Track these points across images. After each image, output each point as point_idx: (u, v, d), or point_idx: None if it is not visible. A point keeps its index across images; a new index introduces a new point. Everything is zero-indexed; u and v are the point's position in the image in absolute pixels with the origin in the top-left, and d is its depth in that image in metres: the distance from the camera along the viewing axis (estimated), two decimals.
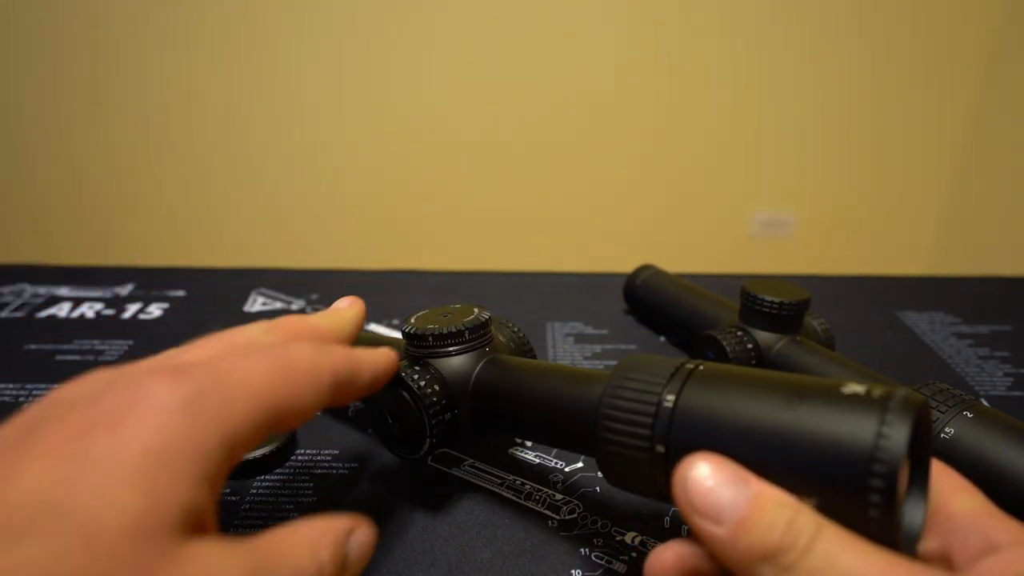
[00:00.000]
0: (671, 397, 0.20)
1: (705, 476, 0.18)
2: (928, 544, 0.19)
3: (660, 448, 0.20)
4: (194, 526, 0.17)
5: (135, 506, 0.15)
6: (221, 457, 0.18)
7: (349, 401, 0.24)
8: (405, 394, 0.27)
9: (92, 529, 0.15)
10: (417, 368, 0.28)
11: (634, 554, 0.28)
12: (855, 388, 0.18)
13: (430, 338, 0.29)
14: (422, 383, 0.27)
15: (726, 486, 0.18)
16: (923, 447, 0.19)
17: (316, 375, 0.21)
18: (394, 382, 0.28)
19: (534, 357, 0.33)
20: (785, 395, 0.18)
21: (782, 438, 0.18)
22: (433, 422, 0.27)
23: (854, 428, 0.17)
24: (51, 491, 0.15)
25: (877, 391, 0.17)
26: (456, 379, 0.28)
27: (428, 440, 0.28)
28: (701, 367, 0.21)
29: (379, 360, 0.25)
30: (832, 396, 0.18)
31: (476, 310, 0.30)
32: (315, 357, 0.21)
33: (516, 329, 0.33)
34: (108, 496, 0.15)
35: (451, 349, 0.29)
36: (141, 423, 0.16)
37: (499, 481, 0.32)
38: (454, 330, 0.29)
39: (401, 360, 0.29)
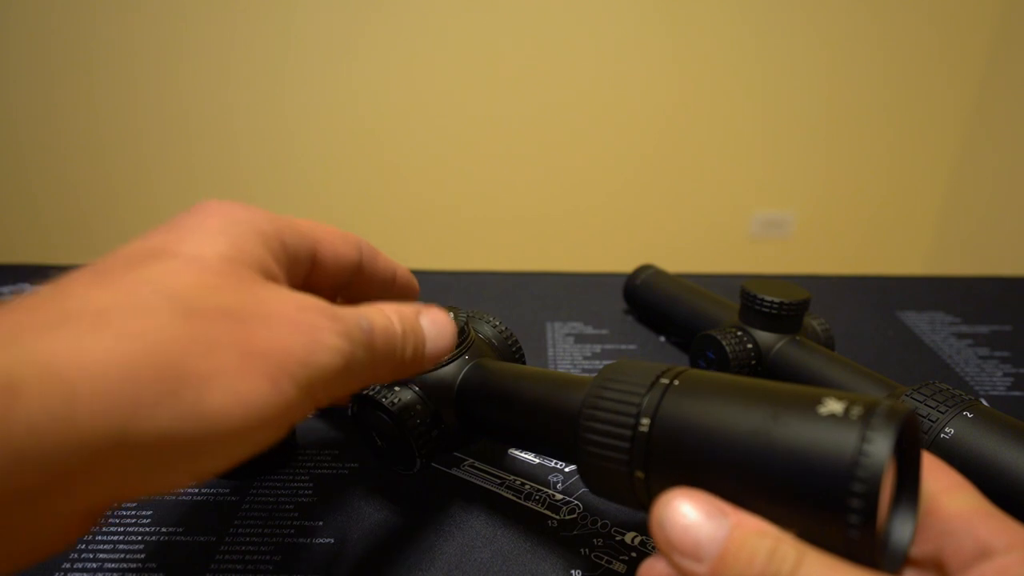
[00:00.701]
0: (646, 421, 0.20)
1: (682, 514, 0.18)
2: (920, 548, 0.19)
3: (639, 474, 0.20)
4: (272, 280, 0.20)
5: (225, 248, 0.19)
6: (277, 246, 0.21)
7: (376, 287, 0.27)
8: (388, 419, 0.27)
9: (197, 258, 0.19)
10: (396, 389, 0.28)
11: (634, 554, 0.28)
12: (833, 407, 0.17)
13: None
14: (404, 407, 0.27)
15: (703, 522, 0.18)
16: (911, 459, 0.19)
17: (345, 233, 0.26)
18: (376, 407, 0.28)
19: (519, 351, 0.33)
20: (760, 417, 0.18)
21: (758, 465, 0.17)
22: (420, 443, 0.27)
23: (831, 453, 0.16)
24: (157, 244, 0.19)
25: (855, 410, 0.17)
26: (439, 392, 0.28)
27: (418, 460, 0.28)
28: (676, 382, 0.21)
29: (402, 270, 0.29)
30: (808, 418, 0.17)
31: (451, 315, 0.30)
32: (341, 229, 0.26)
33: (497, 323, 0.33)
34: (202, 243, 0.19)
35: None
36: (209, 211, 0.21)
37: (499, 481, 0.32)
38: None
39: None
